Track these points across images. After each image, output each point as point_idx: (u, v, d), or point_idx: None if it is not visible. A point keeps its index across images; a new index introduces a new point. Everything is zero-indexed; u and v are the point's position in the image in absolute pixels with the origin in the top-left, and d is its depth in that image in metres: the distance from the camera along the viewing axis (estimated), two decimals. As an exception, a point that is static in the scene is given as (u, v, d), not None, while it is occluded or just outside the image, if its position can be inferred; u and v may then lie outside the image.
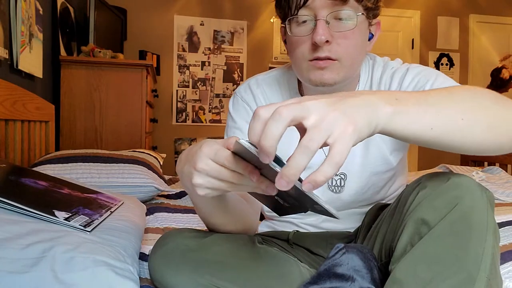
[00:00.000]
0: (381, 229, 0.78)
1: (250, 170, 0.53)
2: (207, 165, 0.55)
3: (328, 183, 0.90)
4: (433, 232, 0.59)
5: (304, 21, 0.78)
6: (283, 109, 0.46)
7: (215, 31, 4.19)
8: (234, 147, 0.54)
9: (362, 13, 0.79)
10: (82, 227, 0.83)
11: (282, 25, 0.87)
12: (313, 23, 0.77)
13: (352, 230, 0.93)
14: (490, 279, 0.57)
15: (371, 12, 0.82)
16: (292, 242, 0.93)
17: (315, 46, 0.77)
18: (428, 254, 0.59)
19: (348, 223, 0.93)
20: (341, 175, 0.89)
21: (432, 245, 0.59)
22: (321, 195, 0.90)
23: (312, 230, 0.94)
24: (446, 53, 4.69)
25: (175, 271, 0.71)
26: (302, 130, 0.48)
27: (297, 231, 0.94)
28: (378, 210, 0.88)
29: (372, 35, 0.87)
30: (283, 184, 0.45)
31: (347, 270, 0.67)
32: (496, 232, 0.60)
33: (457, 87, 0.61)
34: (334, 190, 0.90)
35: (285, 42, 0.89)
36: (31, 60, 1.89)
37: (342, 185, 0.89)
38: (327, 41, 0.76)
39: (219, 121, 4.25)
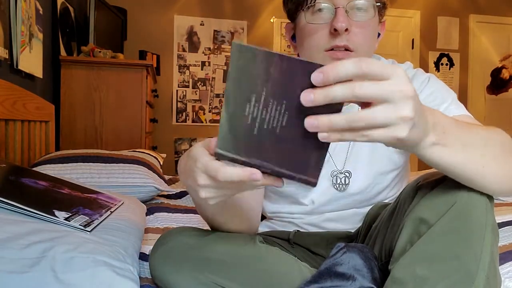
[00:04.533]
0: (381, 229, 0.78)
1: (248, 175, 0.47)
2: (206, 180, 0.52)
3: (332, 181, 0.90)
4: (432, 231, 0.59)
5: (320, 10, 0.78)
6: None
7: (215, 31, 4.19)
8: (232, 67, 0.44)
9: (378, 4, 0.80)
10: (82, 227, 0.83)
11: (288, 21, 0.87)
12: (331, 11, 0.77)
13: (352, 230, 0.93)
14: (489, 277, 0.57)
15: (383, 9, 0.83)
16: (292, 242, 0.93)
17: (334, 35, 0.77)
18: (427, 253, 0.59)
19: (349, 223, 0.93)
20: (346, 173, 0.89)
21: (431, 244, 0.59)
22: (326, 192, 0.91)
23: (313, 230, 0.94)
24: (446, 53, 4.69)
25: (175, 269, 0.71)
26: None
27: (297, 230, 0.94)
28: (378, 210, 0.88)
29: (379, 33, 0.87)
30: (318, 77, 0.43)
31: (347, 269, 0.66)
32: (495, 230, 0.60)
33: (492, 131, 0.63)
34: (339, 188, 0.90)
35: (292, 38, 0.88)
36: (31, 60, 1.89)
37: (347, 183, 0.89)
38: (346, 29, 0.76)
39: (219, 121, 4.24)
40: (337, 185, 0.90)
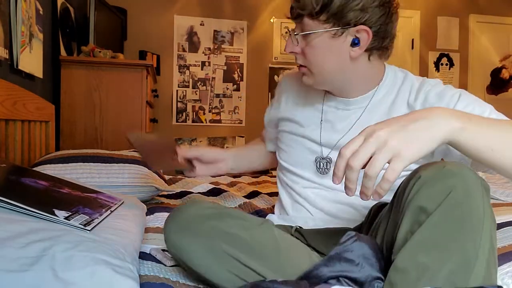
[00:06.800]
0: (382, 223, 0.78)
1: None
2: None
3: (316, 165, 0.99)
4: (431, 219, 0.60)
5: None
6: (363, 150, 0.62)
7: (215, 31, 4.19)
8: None
9: (332, 29, 0.85)
10: (82, 226, 0.83)
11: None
12: None
13: (351, 226, 0.94)
14: (489, 262, 0.59)
15: (338, 22, 0.85)
16: (295, 237, 0.94)
17: None
18: (427, 241, 0.60)
19: (347, 220, 0.95)
20: (327, 159, 0.98)
21: (430, 232, 0.60)
22: (311, 177, 1.00)
23: (320, 216, 0.98)
24: (446, 53, 4.69)
25: (192, 238, 0.74)
26: None
27: (299, 227, 0.96)
28: (380, 207, 0.88)
29: (358, 40, 0.87)
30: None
31: (357, 257, 0.67)
32: (492, 216, 0.62)
33: None
34: (322, 172, 0.99)
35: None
36: (31, 60, 1.89)
37: (328, 167, 0.98)
38: (295, 52, 0.90)
39: (219, 121, 4.25)
40: (320, 170, 0.98)
